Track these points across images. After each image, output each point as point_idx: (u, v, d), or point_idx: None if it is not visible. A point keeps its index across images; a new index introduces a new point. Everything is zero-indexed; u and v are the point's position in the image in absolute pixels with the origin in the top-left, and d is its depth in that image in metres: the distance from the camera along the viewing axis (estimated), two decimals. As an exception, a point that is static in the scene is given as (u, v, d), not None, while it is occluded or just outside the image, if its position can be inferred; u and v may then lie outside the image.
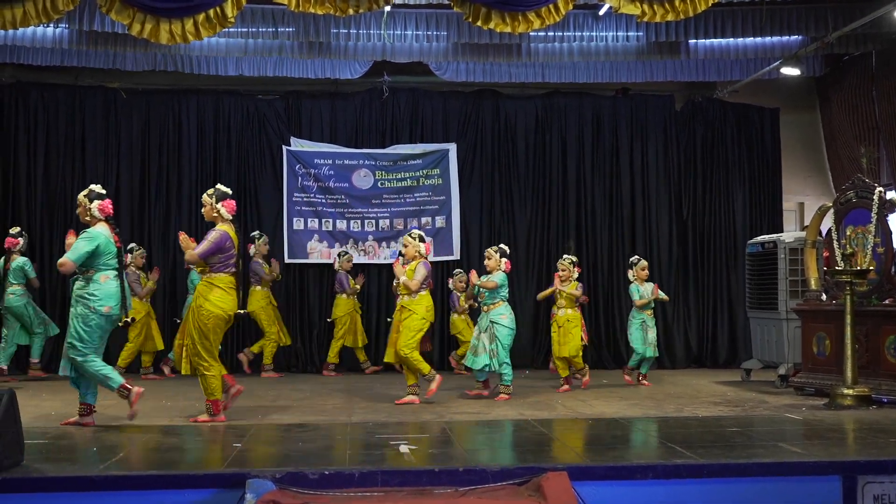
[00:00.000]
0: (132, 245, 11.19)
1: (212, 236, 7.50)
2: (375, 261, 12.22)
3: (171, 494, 5.17)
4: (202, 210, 7.74)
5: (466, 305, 11.28)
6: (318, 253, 12.07)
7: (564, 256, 9.91)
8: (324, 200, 12.24)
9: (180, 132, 12.23)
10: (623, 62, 11.47)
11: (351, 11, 8.37)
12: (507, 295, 9.24)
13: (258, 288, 11.15)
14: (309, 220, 12.22)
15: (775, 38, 10.99)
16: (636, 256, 10.89)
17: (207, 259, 7.45)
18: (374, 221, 12.32)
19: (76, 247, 7.12)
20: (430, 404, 8.73)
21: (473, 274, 9.57)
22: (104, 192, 7.49)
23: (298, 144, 12.26)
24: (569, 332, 9.65)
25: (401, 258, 9.01)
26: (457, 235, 12.27)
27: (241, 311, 8.11)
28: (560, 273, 9.83)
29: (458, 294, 11.37)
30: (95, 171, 11.99)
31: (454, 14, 9.91)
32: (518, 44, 10.80)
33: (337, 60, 11.34)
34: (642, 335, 10.40)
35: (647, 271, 10.64)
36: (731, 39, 10.91)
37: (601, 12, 10.19)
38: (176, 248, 11.95)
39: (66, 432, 6.98)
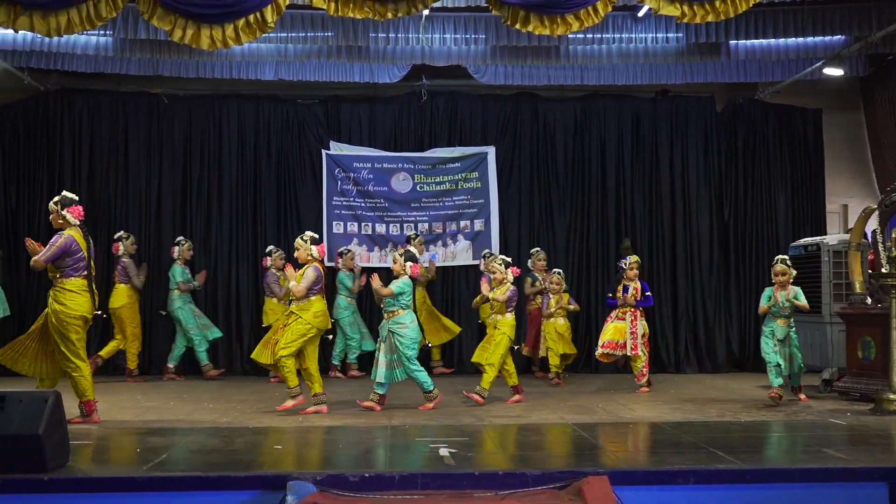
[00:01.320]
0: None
1: (57, 241, 7.48)
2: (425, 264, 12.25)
3: (214, 496, 5.22)
4: (49, 217, 7.72)
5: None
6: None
7: (500, 257, 9.41)
8: (363, 204, 12.28)
9: (221, 137, 12.34)
10: (663, 64, 11.39)
11: (389, 15, 8.40)
12: (410, 303, 8.70)
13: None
14: (348, 223, 12.27)
15: (817, 38, 10.85)
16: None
17: (56, 264, 7.49)
18: (413, 225, 12.34)
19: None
20: (470, 407, 8.72)
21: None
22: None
23: (338, 148, 12.32)
24: (493, 338, 9.05)
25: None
26: (496, 239, 12.25)
27: (99, 312, 7.84)
28: (494, 276, 9.20)
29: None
30: (138, 176, 12.15)
31: (492, 17, 9.90)
32: (556, 46, 10.77)
33: (376, 64, 11.38)
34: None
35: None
36: (773, 40, 10.78)
37: (640, 14, 10.13)
38: (218, 251, 12.11)
39: (110, 434, 7.06)
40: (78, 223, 7.65)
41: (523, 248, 12.27)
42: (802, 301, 8.97)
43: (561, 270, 10.87)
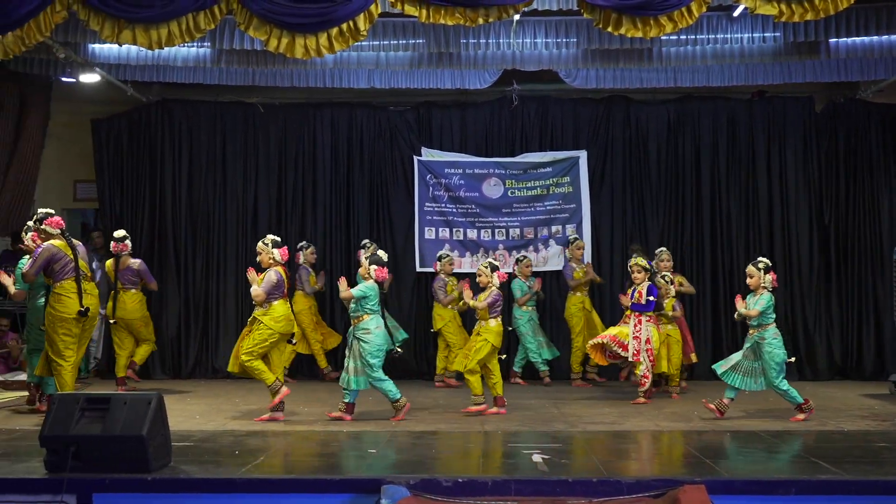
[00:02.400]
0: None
1: (39, 253, 8.24)
2: (506, 269, 12.18)
3: (309, 498, 5.31)
4: (29, 235, 8.47)
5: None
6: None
7: (487, 260, 9.14)
8: (454, 210, 12.32)
9: (315, 144, 12.53)
10: (759, 64, 11.13)
11: (481, 21, 8.41)
12: (376, 308, 8.45)
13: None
14: (440, 229, 12.32)
15: (922, 34, 10.46)
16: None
17: (47, 272, 8.25)
18: (504, 230, 12.32)
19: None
20: (563, 413, 8.66)
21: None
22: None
23: (429, 154, 12.39)
24: (474, 345, 8.78)
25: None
26: (588, 243, 12.14)
27: (82, 308, 8.19)
28: (480, 279, 8.86)
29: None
30: (235, 184, 12.42)
31: (584, 20, 9.82)
32: (649, 48, 10.62)
33: (466, 70, 11.39)
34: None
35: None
36: (875, 37, 10.42)
37: (735, 13, 9.92)
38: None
39: (209, 435, 7.23)
40: (59, 231, 8.38)
41: (615, 252, 12.14)
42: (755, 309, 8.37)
43: (668, 274, 10.47)
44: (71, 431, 5.48)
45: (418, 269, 12.16)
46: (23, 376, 10.04)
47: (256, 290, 8.25)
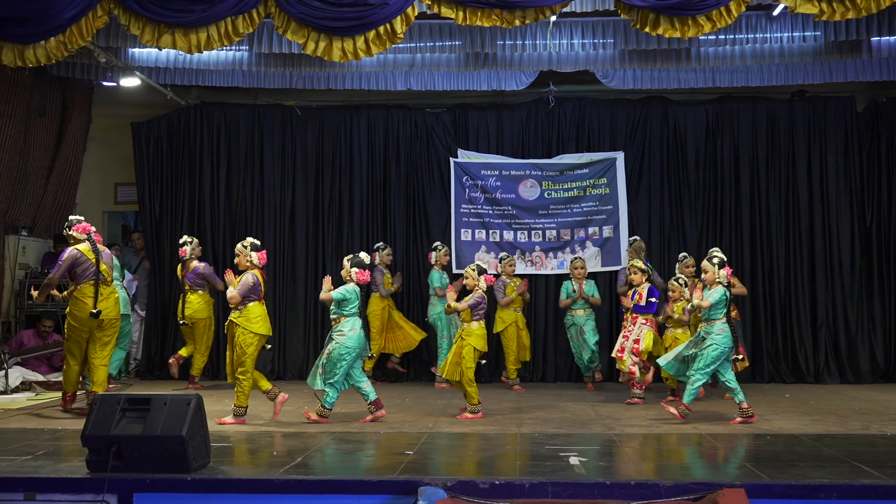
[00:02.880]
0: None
1: (63, 258, 8.79)
2: (543, 271, 12.18)
3: (347, 499, 5.34)
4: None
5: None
6: (486, 264, 12.12)
7: (475, 263, 9.02)
8: (491, 211, 12.31)
9: (351, 146, 12.58)
10: (799, 63, 11.00)
11: (517, 22, 8.40)
12: (354, 311, 8.33)
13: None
14: (476, 231, 12.32)
15: (968, 32, 10.28)
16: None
17: (70, 275, 8.78)
18: (541, 232, 12.29)
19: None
20: (600, 416, 8.62)
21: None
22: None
23: (465, 156, 12.40)
24: (460, 351, 8.59)
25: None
26: (625, 245, 12.05)
27: (96, 311, 8.68)
28: (467, 281, 8.76)
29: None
30: (273, 186, 12.50)
31: (621, 21, 9.78)
32: (687, 48, 10.54)
33: (503, 71, 11.39)
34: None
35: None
36: (919, 35, 10.28)
37: (775, 13, 9.82)
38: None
39: (247, 436, 7.28)
40: (85, 237, 8.84)
41: (653, 254, 12.04)
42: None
43: (682, 276, 10.16)
44: (112, 432, 5.55)
45: (455, 270, 12.15)
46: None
47: (232, 293, 8.27)
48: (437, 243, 11.79)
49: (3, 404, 9.34)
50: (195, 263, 10.78)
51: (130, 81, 11.53)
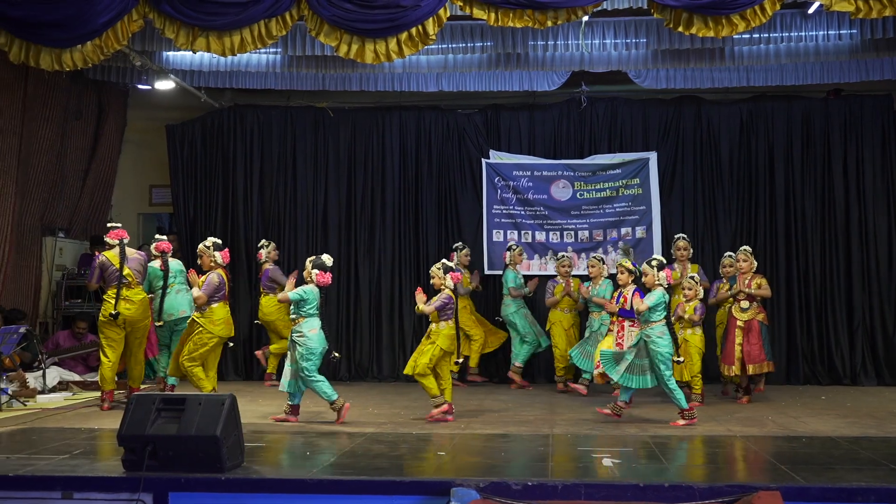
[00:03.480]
0: (458, 244, 11.73)
1: (94, 263, 9.37)
2: (575, 272, 12.12)
3: (379, 499, 5.35)
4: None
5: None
6: (526, 264, 12.09)
7: (442, 261, 8.77)
8: (523, 212, 12.28)
9: (384, 147, 12.61)
10: (835, 62, 10.89)
11: (549, 23, 8.38)
12: (313, 311, 8.28)
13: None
14: (508, 231, 12.29)
15: None
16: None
17: (101, 279, 9.23)
18: (573, 233, 12.25)
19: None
20: (633, 417, 8.58)
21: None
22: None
23: (497, 157, 12.38)
24: (423, 348, 8.48)
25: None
26: (658, 245, 11.99)
27: (115, 313, 9.01)
28: (433, 281, 8.62)
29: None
30: (305, 187, 12.56)
31: (654, 20, 9.72)
32: (721, 47, 10.46)
33: (535, 72, 11.37)
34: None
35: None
36: (958, 33, 10.13)
37: (810, 11, 9.72)
38: (381, 260, 12.37)
39: (281, 436, 7.33)
40: (116, 242, 9.22)
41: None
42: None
43: (696, 275, 10.05)
44: (147, 431, 5.60)
45: (486, 271, 12.14)
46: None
47: (198, 293, 8.38)
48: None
49: (41, 404, 9.46)
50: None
51: (165, 84, 11.64)
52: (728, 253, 10.36)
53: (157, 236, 10.35)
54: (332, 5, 8.37)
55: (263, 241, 11.28)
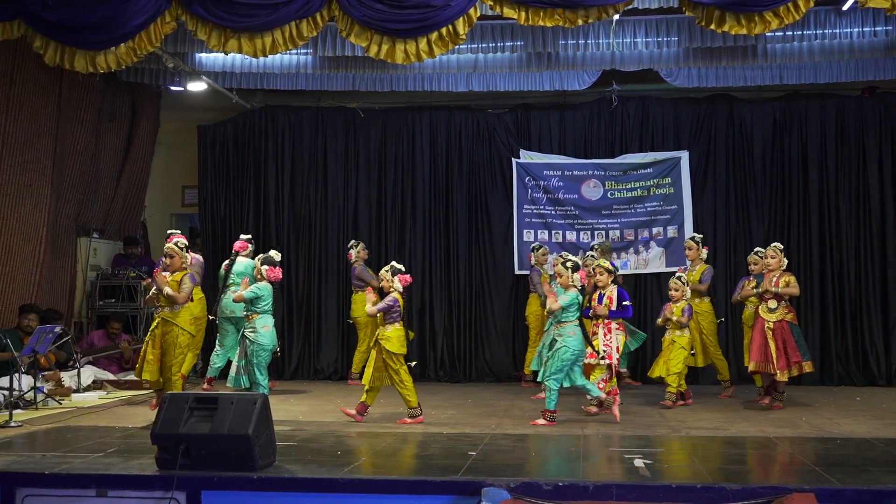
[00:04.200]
0: (535, 243, 11.61)
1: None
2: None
3: (410, 499, 5.35)
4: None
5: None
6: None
7: (392, 263, 8.63)
8: (553, 212, 12.25)
9: (414, 147, 12.63)
10: (870, 59, 10.75)
11: (580, 22, 8.34)
12: (267, 308, 8.28)
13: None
14: (539, 231, 12.27)
15: None
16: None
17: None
18: (604, 232, 12.20)
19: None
20: (665, 418, 8.53)
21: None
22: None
23: (528, 157, 12.36)
24: (384, 353, 8.28)
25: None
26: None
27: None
28: (382, 283, 8.52)
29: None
30: (336, 187, 12.61)
31: (685, 18, 9.66)
32: (753, 45, 10.36)
33: (565, 71, 11.34)
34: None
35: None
36: None
37: (845, 7, 9.62)
38: (411, 259, 12.38)
39: (313, 436, 7.36)
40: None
41: (718, 254, 11.87)
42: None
43: (683, 275, 9.73)
44: (181, 430, 5.64)
45: (517, 271, 12.12)
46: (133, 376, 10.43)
47: (182, 295, 8.12)
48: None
49: (75, 402, 9.57)
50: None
51: (197, 86, 11.73)
52: (757, 249, 10.08)
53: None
54: (363, 6, 8.39)
55: (353, 242, 11.48)
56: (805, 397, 9.99)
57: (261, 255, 8.61)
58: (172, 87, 12.16)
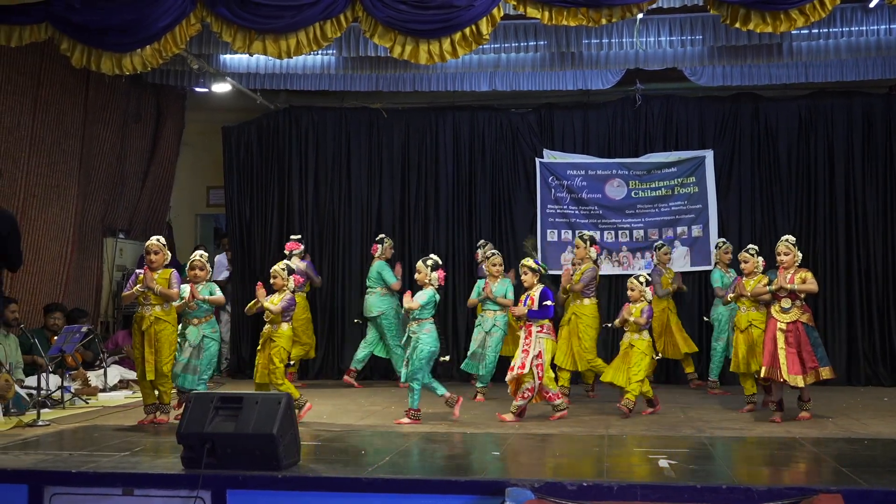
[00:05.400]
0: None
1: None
2: (630, 271, 11.99)
3: (434, 499, 5.36)
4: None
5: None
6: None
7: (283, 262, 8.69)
8: (577, 212, 12.22)
9: (437, 148, 12.63)
10: (897, 57, 10.68)
11: (604, 21, 8.32)
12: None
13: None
14: (562, 231, 12.24)
15: None
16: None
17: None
18: (627, 232, 12.16)
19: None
20: (690, 418, 8.49)
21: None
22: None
23: (551, 156, 12.34)
24: (268, 356, 8.25)
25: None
26: (714, 245, 11.85)
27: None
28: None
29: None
30: (359, 188, 12.63)
31: (709, 17, 9.60)
32: (779, 43, 10.28)
33: (589, 71, 11.31)
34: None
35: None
36: None
37: (872, 5, 9.53)
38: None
39: (337, 435, 7.38)
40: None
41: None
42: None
43: (643, 274, 9.23)
44: (206, 429, 5.67)
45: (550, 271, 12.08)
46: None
47: (176, 292, 8.17)
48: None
49: (102, 401, 9.65)
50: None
51: (222, 87, 11.80)
52: (749, 246, 9.29)
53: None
54: (387, 6, 8.41)
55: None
56: (831, 398, 9.91)
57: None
58: (197, 89, 12.24)
